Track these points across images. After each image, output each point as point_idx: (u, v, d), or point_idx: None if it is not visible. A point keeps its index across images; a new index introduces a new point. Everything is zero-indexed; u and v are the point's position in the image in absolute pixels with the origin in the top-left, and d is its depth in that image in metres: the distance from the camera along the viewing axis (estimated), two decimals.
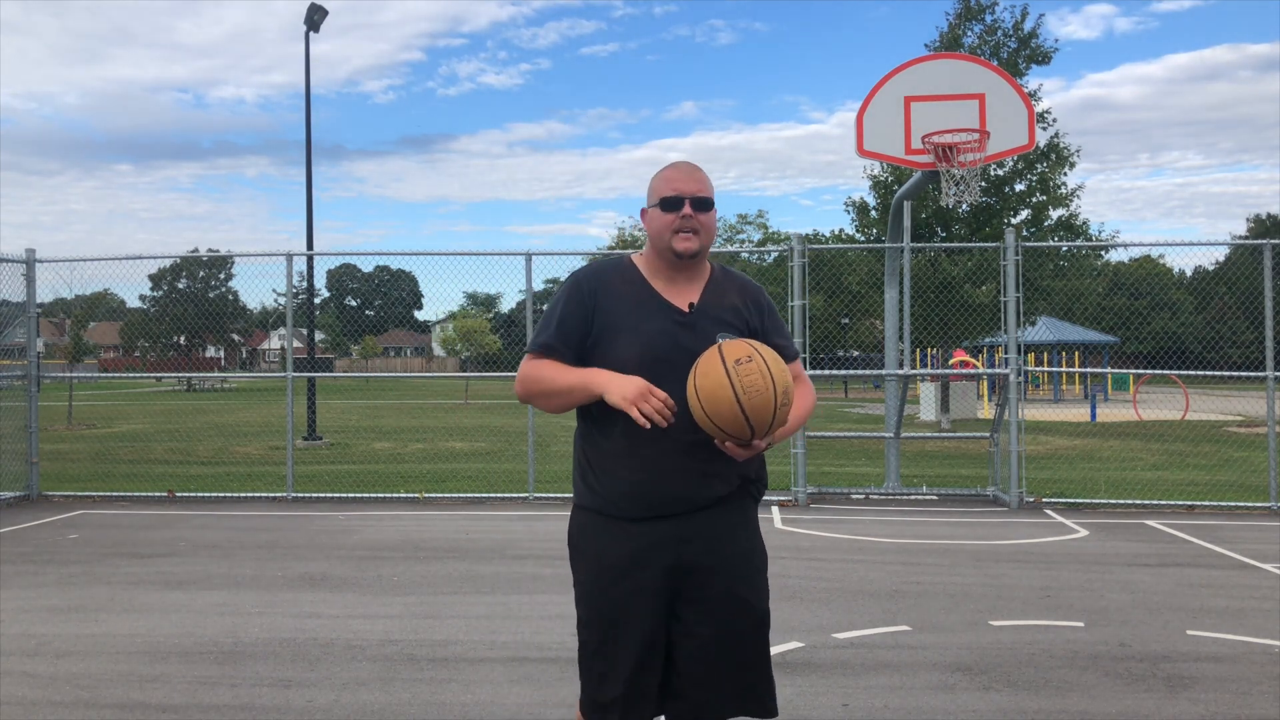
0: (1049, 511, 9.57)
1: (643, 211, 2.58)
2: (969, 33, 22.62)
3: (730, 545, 2.48)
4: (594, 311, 2.47)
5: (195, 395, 39.89)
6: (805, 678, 4.51)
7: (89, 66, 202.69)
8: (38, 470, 10.63)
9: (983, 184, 17.87)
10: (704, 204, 2.48)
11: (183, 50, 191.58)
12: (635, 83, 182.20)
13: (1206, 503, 9.90)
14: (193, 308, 59.13)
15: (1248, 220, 62.06)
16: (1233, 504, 9.90)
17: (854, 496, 10.54)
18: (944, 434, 17.04)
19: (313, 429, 17.35)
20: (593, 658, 2.50)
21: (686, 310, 2.49)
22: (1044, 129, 21.96)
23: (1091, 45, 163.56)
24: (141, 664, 4.74)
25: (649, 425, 2.29)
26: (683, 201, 2.46)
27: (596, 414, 2.47)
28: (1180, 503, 9.87)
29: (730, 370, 2.25)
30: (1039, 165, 22.21)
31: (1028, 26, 22.21)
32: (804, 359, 10.10)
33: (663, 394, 2.32)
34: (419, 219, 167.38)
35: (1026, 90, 19.36)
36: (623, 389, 2.31)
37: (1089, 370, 11.47)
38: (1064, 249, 23.95)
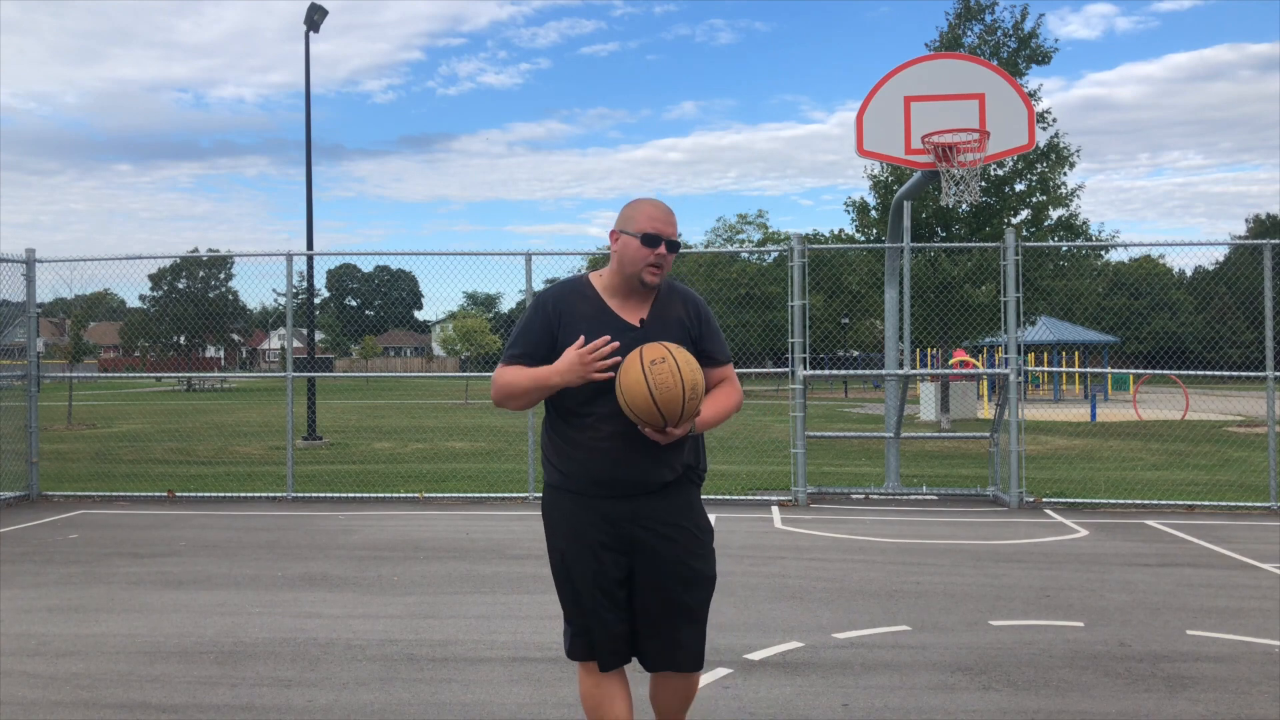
0: (1049, 511, 9.57)
1: (614, 233, 2.92)
2: (969, 33, 22.63)
3: (680, 522, 2.91)
4: (558, 328, 2.87)
5: (195, 395, 39.89)
6: (805, 678, 4.51)
7: (89, 66, 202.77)
8: (38, 470, 10.63)
9: (983, 184, 17.86)
10: (675, 248, 2.90)
11: (182, 50, 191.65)
12: (635, 82, 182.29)
13: (1206, 503, 9.89)
14: (193, 308, 59.08)
15: (1247, 220, 62.12)
16: (1233, 504, 9.90)
17: (854, 496, 10.53)
18: (944, 434, 17.04)
19: (313, 429, 17.35)
20: (571, 606, 2.95)
21: (638, 325, 2.90)
22: (1044, 129, 21.96)
23: (1091, 45, 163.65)
24: (141, 664, 4.74)
25: (611, 373, 2.75)
26: (660, 242, 2.85)
27: (565, 412, 2.90)
28: (1180, 503, 9.87)
29: (646, 369, 2.69)
30: (1039, 165, 22.21)
31: (1028, 26, 22.24)
32: (804, 359, 10.13)
33: (593, 345, 2.75)
34: (419, 219, 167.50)
35: (1026, 90, 19.36)
36: (568, 373, 2.76)
37: (1089, 370, 11.46)
38: (1064, 249, 23.96)
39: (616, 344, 2.77)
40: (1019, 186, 22.69)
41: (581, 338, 2.79)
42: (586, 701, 3.01)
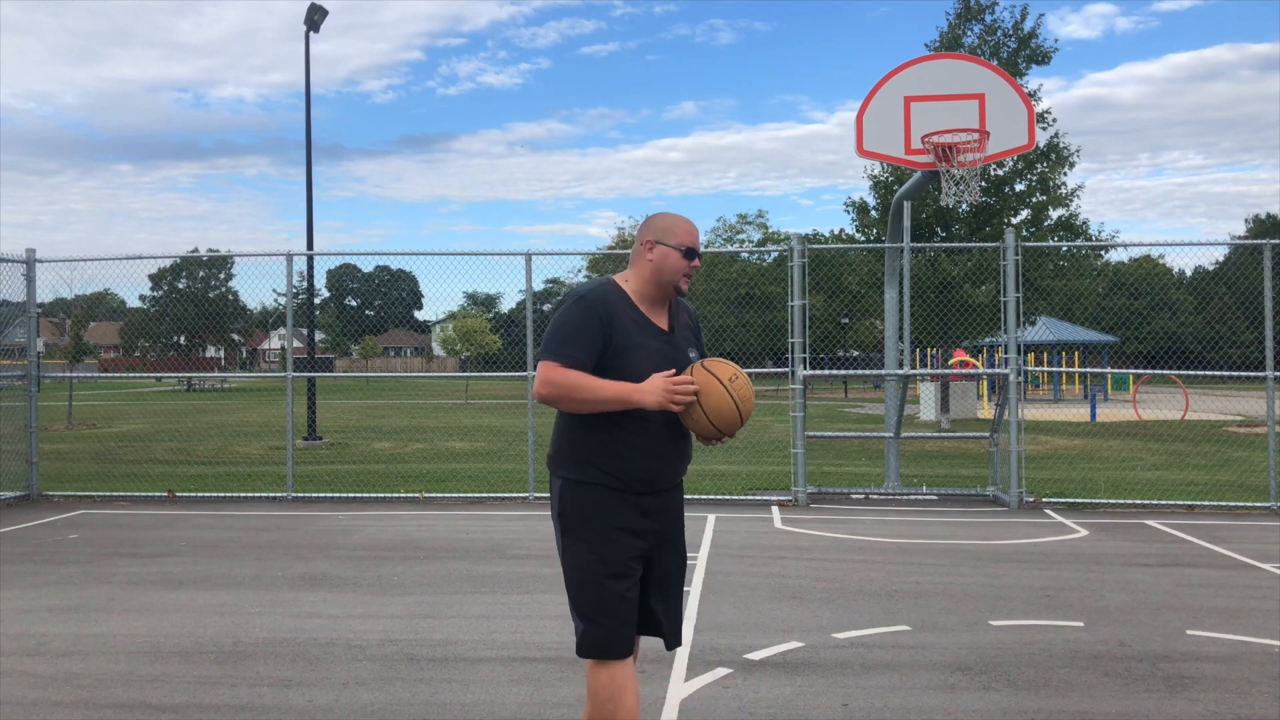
0: (1049, 511, 9.57)
1: (649, 242, 3.11)
2: (969, 33, 22.64)
3: (680, 514, 3.25)
4: (611, 330, 3.00)
5: (195, 395, 39.90)
6: (805, 678, 4.51)
7: (89, 66, 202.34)
8: (38, 470, 10.63)
9: (983, 184, 17.86)
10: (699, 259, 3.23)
11: (182, 50, 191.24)
12: (635, 82, 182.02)
13: (1206, 503, 9.90)
14: (193, 308, 59.15)
15: (1247, 221, 62.14)
16: (1233, 504, 9.90)
17: (854, 496, 10.54)
18: (944, 434, 17.04)
19: (313, 429, 17.36)
20: (599, 600, 3.00)
21: (667, 330, 3.15)
22: (1044, 129, 21.96)
23: (1091, 45, 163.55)
24: (141, 664, 4.74)
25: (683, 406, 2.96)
26: (695, 255, 3.15)
27: (618, 414, 3.02)
28: (1180, 503, 9.87)
29: (728, 386, 2.99)
30: (1039, 165, 22.21)
31: (1027, 26, 22.25)
32: (804, 359, 10.14)
33: (678, 380, 2.95)
34: (419, 219, 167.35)
35: (1026, 90, 19.37)
36: (654, 396, 2.94)
37: (1089, 370, 11.45)
38: (1064, 249, 23.96)
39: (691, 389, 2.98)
40: (1019, 186, 22.70)
41: (673, 370, 3.00)
42: (601, 693, 2.99)
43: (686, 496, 9.80)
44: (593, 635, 2.99)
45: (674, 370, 3.01)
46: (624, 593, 3.01)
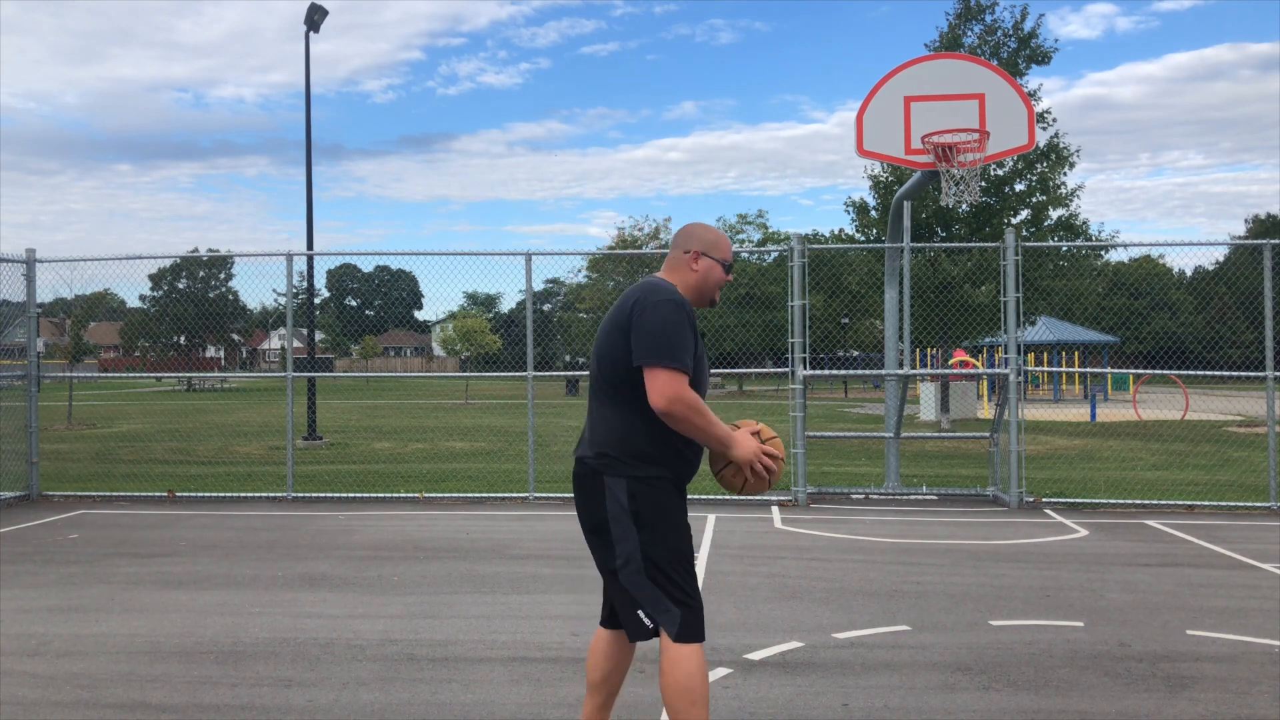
0: (1049, 511, 9.57)
1: (695, 253, 3.22)
2: (969, 33, 22.63)
3: None
4: (695, 338, 3.10)
5: (195, 395, 39.89)
6: (805, 678, 4.51)
7: (89, 66, 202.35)
8: (38, 470, 10.63)
9: (983, 184, 17.86)
10: None
11: (182, 50, 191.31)
12: (635, 82, 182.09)
13: (1206, 503, 9.89)
14: (193, 308, 59.16)
15: (1247, 221, 62.15)
16: (1233, 504, 9.89)
17: (854, 496, 10.54)
18: (944, 434, 17.03)
19: (313, 429, 17.36)
20: (692, 584, 3.11)
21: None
22: (1044, 129, 21.96)
23: (1092, 45, 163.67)
24: (141, 664, 4.74)
25: (752, 480, 3.16)
26: (730, 269, 3.32)
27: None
28: (1180, 503, 9.87)
29: (780, 457, 3.18)
30: (1039, 165, 22.20)
31: (1028, 26, 22.24)
32: (804, 359, 10.14)
33: (770, 452, 3.15)
34: (419, 219, 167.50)
35: (1026, 90, 19.38)
36: (742, 454, 3.10)
37: (1089, 370, 11.45)
38: (1064, 249, 23.95)
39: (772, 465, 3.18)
40: (1019, 186, 22.68)
41: (757, 433, 3.22)
42: (697, 675, 3.00)
43: (687, 497, 9.84)
44: (693, 620, 3.05)
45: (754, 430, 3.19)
46: (692, 568, 3.15)
